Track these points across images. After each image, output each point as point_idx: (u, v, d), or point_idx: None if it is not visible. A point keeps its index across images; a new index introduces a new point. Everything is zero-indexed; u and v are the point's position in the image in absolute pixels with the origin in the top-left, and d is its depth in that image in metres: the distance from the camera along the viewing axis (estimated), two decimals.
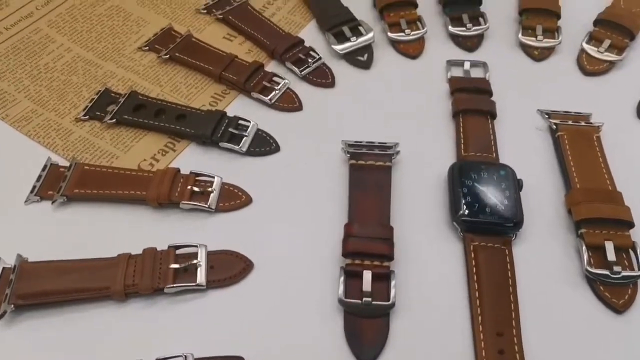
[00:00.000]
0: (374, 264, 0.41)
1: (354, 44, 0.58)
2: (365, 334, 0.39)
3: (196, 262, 0.41)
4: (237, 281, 0.42)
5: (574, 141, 0.50)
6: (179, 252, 0.42)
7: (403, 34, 0.60)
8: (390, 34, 0.60)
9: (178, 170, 0.46)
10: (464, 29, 0.60)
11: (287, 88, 0.55)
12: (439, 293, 0.42)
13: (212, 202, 0.45)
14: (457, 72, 0.57)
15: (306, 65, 0.56)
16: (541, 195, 0.48)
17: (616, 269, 0.42)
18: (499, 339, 0.39)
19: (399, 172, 0.49)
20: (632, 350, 0.40)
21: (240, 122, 0.51)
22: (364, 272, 0.41)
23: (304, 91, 0.56)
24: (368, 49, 0.59)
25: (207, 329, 0.40)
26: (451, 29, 0.60)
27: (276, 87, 0.54)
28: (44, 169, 0.47)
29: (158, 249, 0.42)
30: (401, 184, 0.48)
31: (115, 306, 0.41)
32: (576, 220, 0.44)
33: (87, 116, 0.52)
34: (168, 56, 0.57)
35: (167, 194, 0.45)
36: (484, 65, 0.57)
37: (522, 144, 0.52)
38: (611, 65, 0.58)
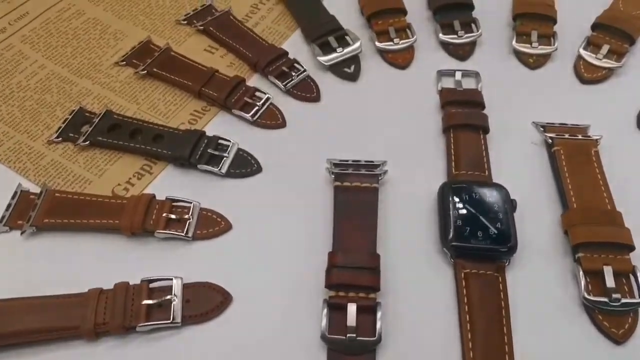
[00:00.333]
0: (359, 295, 0.39)
1: (340, 54, 0.56)
2: None
3: (170, 297, 0.39)
4: (214, 316, 0.39)
5: (570, 157, 0.47)
6: (153, 285, 0.40)
7: (392, 43, 0.57)
8: (378, 44, 0.57)
9: (153, 197, 0.44)
10: (455, 36, 0.57)
11: (270, 104, 0.52)
12: (428, 325, 0.40)
13: (189, 230, 0.43)
14: (448, 83, 0.55)
15: (290, 79, 0.54)
16: (536, 216, 0.45)
17: (615, 296, 0.39)
18: None
19: (386, 193, 0.47)
20: None
21: (220, 142, 0.49)
22: (349, 305, 0.39)
23: (288, 106, 0.53)
24: (355, 60, 0.56)
25: None
26: (442, 36, 0.57)
27: (258, 103, 0.52)
28: (13, 196, 0.45)
29: (131, 282, 0.40)
30: (389, 206, 0.46)
31: (86, 346, 0.38)
32: (573, 244, 0.42)
33: (60, 138, 0.49)
34: (145, 72, 0.54)
35: (141, 222, 0.42)
36: (476, 75, 0.55)
37: (516, 160, 0.49)
38: (610, 73, 0.55)
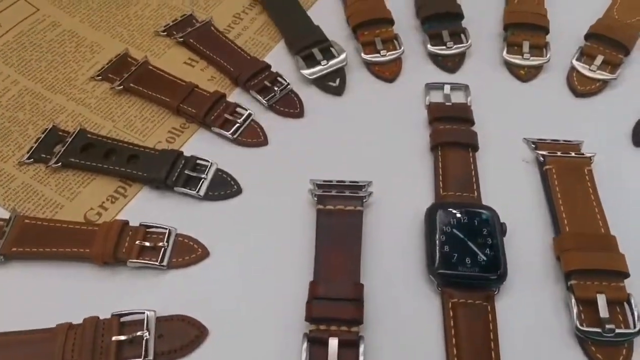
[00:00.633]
0: (340, 329, 0.37)
1: (324, 67, 0.54)
2: None
3: (142, 333, 0.37)
4: (189, 352, 0.37)
5: (563, 176, 0.45)
6: (124, 319, 0.38)
7: (378, 54, 0.55)
8: (365, 56, 0.55)
9: (126, 223, 0.42)
10: (444, 47, 0.55)
11: (251, 120, 0.50)
12: (413, 358, 0.38)
13: (163, 258, 0.41)
14: (437, 96, 0.53)
15: (272, 94, 0.52)
16: (527, 239, 0.43)
17: (609, 326, 0.37)
18: None
19: (371, 215, 0.45)
20: None
21: (199, 162, 0.47)
22: (330, 339, 0.37)
23: (271, 122, 0.51)
24: (340, 73, 0.54)
25: None
26: (430, 47, 0.55)
27: (239, 120, 0.50)
28: None
29: (103, 315, 0.38)
30: (374, 229, 0.44)
31: None
32: (565, 271, 0.40)
33: (32, 159, 0.47)
34: (122, 87, 0.52)
35: (113, 251, 0.40)
36: (465, 88, 0.53)
37: (506, 179, 0.47)
38: (604, 85, 0.53)
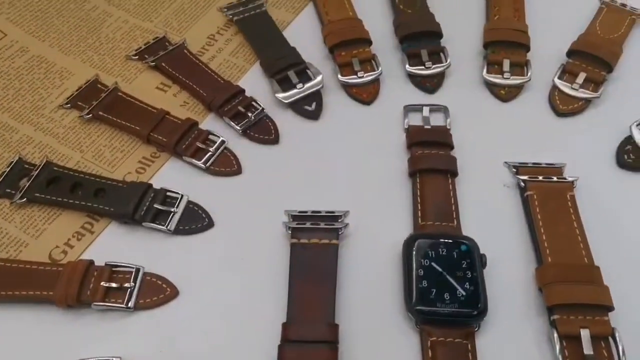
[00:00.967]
0: None
1: (300, 91, 0.52)
2: None
3: None
4: None
5: (544, 202, 0.44)
6: None
7: (355, 76, 0.54)
8: (341, 77, 0.53)
9: (91, 263, 0.40)
10: (422, 67, 0.54)
11: (225, 148, 0.49)
12: None
13: (130, 299, 0.39)
14: (416, 119, 0.51)
15: (246, 120, 0.50)
16: (509, 270, 0.42)
17: None
18: None
19: (348, 248, 0.43)
20: None
21: (169, 194, 0.45)
22: None
23: (245, 149, 0.50)
24: (316, 96, 0.53)
25: None
26: (409, 68, 0.54)
27: (211, 148, 0.48)
28: None
29: None
30: (350, 263, 0.42)
31: None
32: (548, 305, 0.38)
33: None
34: (91, 115, 0.51)
35: (76, 294, 0.39)
36: (444, 110, 0.51)
37: (487, 205, 0.46)
38: (587, 104, 0.52)
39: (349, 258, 0.43)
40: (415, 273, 0.39)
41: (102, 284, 0.39)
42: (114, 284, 0.40)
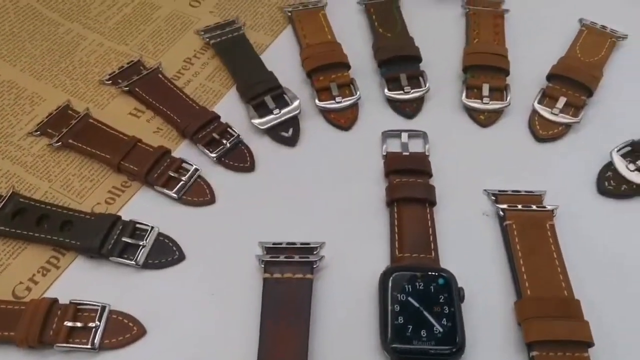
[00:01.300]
0: None
1: (276, 117, 0.51)
2: None
3: None
4: None
5: (524, 232, 0.43)
6: None
7: (333, 101, 0.53)
8: (319, 103, 0.53)
9: (54, 301, 0.39)
10: (401, 92, 0.53)
11: (198, 177, 0.48)
12: None
13: (95, 339, 0.38)
14: (394, 145, 0.50)
15: (221, 147, 0.49)
16: (488, 304, 0.41)
17: None
18: None
19: (323, 280, 0.42)
20: None
21: (139, 226, 0.44)
22: None
23: (219, 177, 0.48)
24: (293, 122, 0.51)
25: None
26: (387, 93, 0.53)
27: (184, 177, 0.47)
28: None
29: None
30: (325, 298, 0.41)
31: None
32: (527, 342, 0.37)
33: None
34: (60, 143, 0.49)
35: (38, 335, 0.37)
36: (424, 135, 0.50)
37: (466, 235, 0.45)
38: (567, 129, 0.51)
39: (324, 292, 0.41)
40: (391, 309, 0.38)
41: (66, 323, 0.38)
42: (78, 324, 0.38)
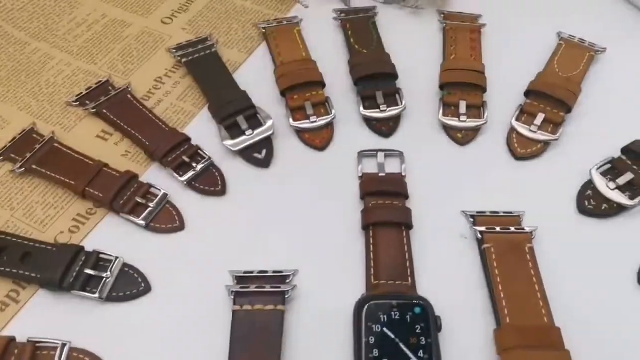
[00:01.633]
0: None
1: (249, 137, 0.50)
2: None
3: None
4: None
5: (502, 256, 0.42)
6: None
7: (307, 120, 0.51)
8: (293, 122, 0.51)
9: (12, 340, 0.37)
10: (377, 110, 0.52)
11: (166, 202, 0.46)
12: None
13: None
14: (370, 165, 0.49)
15: (191, 170, 0.48)
16: (466, 332, 0.39)
17: None
18: None
19: (296, 310, 0.40)
20: None
21: (102, 257, 0.42)
22: None
23: (189, 202, 0.47)
24: (266, 143, 0.50)
25: None
26: (363, 111, 0.52)
27: (151, 203, 0.45)
28: None
29: None
30: (297, 330, 0.39)
31: None
32: None
33: None
34: (23, 169, 0.47)
35: None
36: (400, 155, 0.49)
37: (444, 259, 0.43)
38: (546, 146, 0.50)
39: (297, 324, 0.40)
40: (365, 341, 0.36)
41: None
42: None
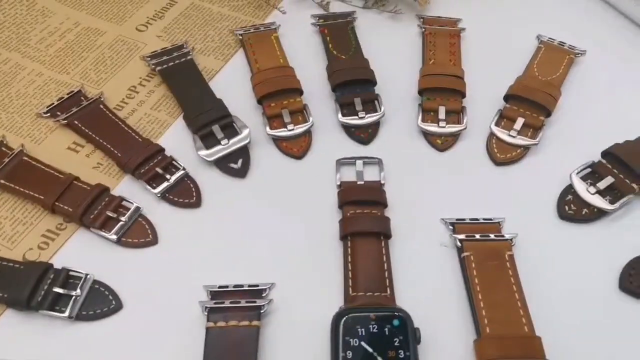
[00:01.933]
0: None
1: (225, 147, 0.49)
2: None
3: None
4: None
5: (482, 264, 0.41)
6: None
7: (285, 129, 0.50)
8: (270, 131, 0.50)
9: None
10: (356, 117, 0.51)
11: (139, 216, 0.45)
12: None
13: None
14: (349, 173, 0.48)
15: (165, 182, 0.46)
16: (447, 343, 0.38)
17: None
18: None
19: (272, 327, 0.39)
20: None
21: (72, 274, 0.41)
22: None
23: (163, 215, 0.45)
24: (243, 152, 0.49)
25: None
26: (342, 118, 0.51)
27: (123, 218, 0.44)
28: None
29: None
30: (274, 346, 0.38)
31: None
32: None
33: None
34: None
35: None
36: (379, 163, 0.48)
37: (424, 269, 0.42)
38: (526, 151, 0.50)
39: (273, 339, 0.38)
40: (342, 356, 0.36)
41: None
42: None
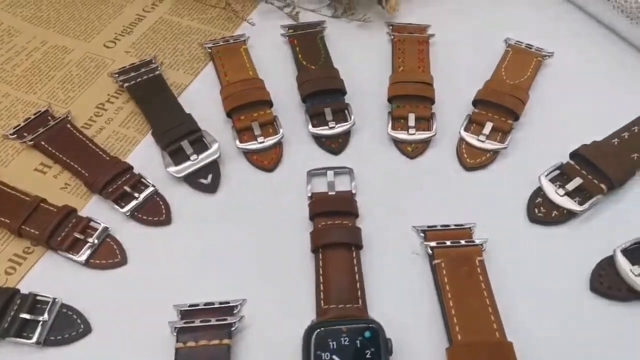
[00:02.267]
0: None
1: (194, 162, 0.48)
2: None
3: None
4: None
5: (453, 271, 0.41)
6: None
7: (255, 141, 0.50)
8: (240, 144, 0.50)
9: None
10: (326, 127, 0.51)
11: (107, 236, 0.44)
12: None
13: None
14: (320, 184, 0.48)
15: (133, 201, 0.46)
16: (419, 353, 0.38)
17: None
18: None
19: (244, 344, 0.39)
20: None
21: (39, 299, 0.40)
22: None
23: (133, 234, 0.45)
24: (212, 167, 0.49)
25: None
26: (312, 129, 0.51)
27: (90, 239, 0.43)
28: None
29: None
30: None
31: None
32: None
33: None
34: None
35: None
36: (350, 172, 0.48)
37: (396, 278, 0.42)
38: (495, 155, 0.50)
39: (245, 356, 0.38)
40: None
41: None
42: None
